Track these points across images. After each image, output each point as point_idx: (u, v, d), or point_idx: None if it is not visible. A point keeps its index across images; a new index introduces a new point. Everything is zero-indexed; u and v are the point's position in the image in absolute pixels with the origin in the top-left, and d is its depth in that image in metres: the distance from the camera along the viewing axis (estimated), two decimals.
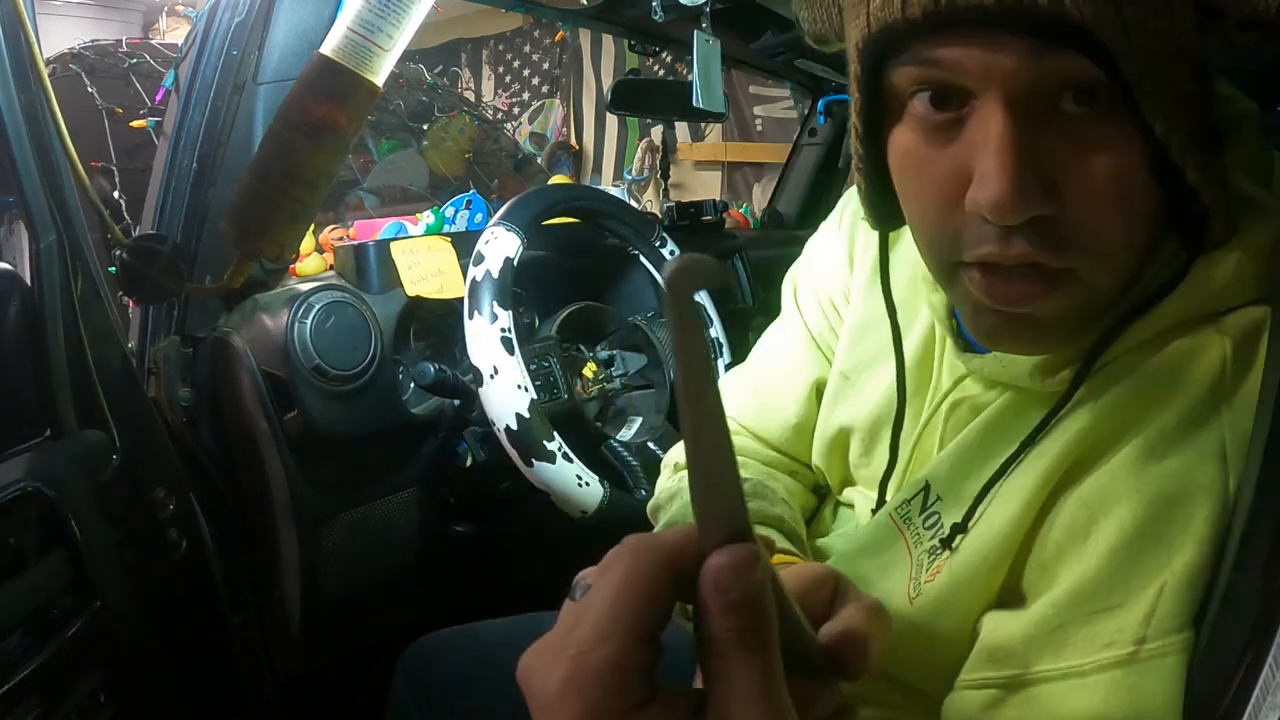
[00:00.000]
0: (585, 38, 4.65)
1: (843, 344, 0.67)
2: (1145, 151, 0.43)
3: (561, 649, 0.28)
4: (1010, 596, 0.50)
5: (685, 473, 0.66)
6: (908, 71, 0.44)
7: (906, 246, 0.63)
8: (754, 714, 0.27)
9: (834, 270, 0.70)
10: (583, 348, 1.33)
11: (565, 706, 0.27)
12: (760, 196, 3.93)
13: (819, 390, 0.71)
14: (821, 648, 0.32)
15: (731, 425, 0.75)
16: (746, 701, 0.27)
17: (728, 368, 1.34)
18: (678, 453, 0.77)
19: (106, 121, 2.31)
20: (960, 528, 0.52)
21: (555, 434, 1.02)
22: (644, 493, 1.13)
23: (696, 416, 0.27)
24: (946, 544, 0.52)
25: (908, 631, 0.53)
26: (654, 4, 1.27)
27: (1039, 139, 0.42)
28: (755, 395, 0.75)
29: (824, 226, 0.74)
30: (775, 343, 0.77)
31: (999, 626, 0.49)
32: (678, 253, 1.35)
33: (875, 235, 0.62)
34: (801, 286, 0.74)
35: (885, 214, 0.54)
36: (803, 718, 0.28)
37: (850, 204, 0.71)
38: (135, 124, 2.28)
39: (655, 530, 0.65)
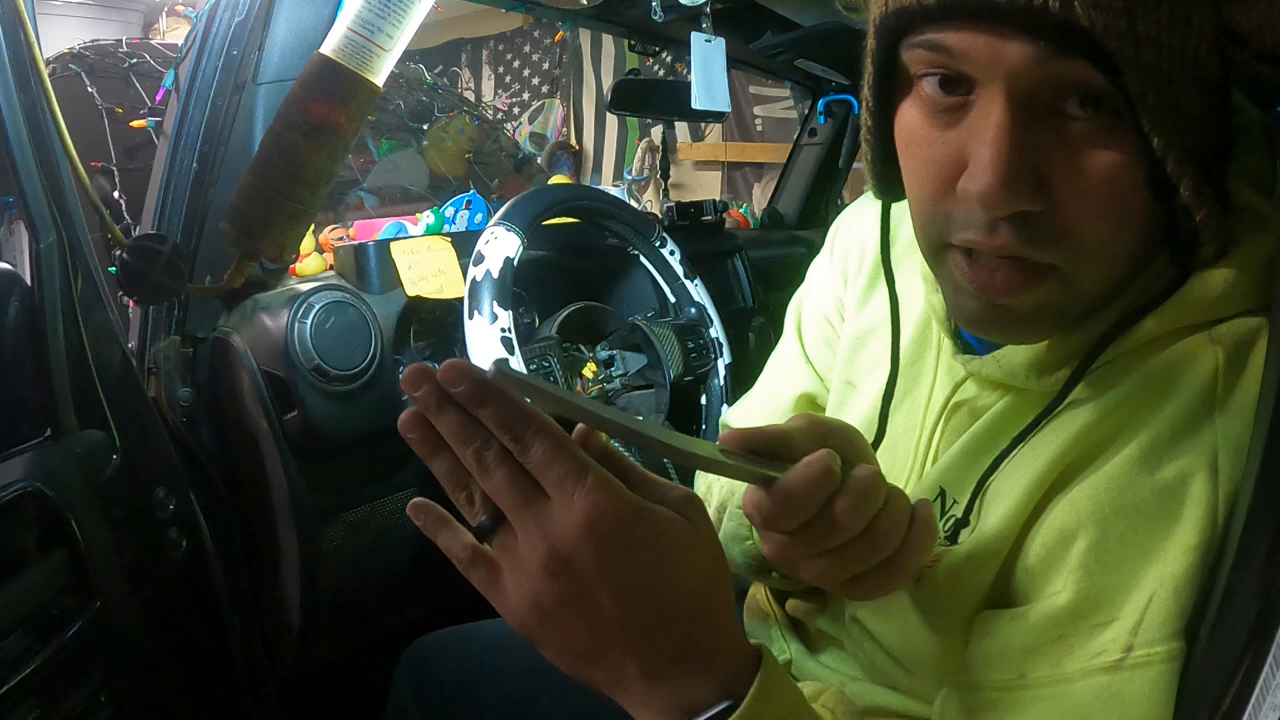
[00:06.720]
0: (585, 38, 4.66)
1: (842, 355, 0.69)
2: (1142, 163, 0.43)
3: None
4: (1000, 596, 0.50)
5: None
6: (918, 54, 0.45)
7: (902, 248, 0.64)
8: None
9: (829, 289, 0.72)
10: (583, 348, 1.32)
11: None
12: (760, 196, 3.93)
13: (810, 402, 0.73)
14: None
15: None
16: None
17: (727, 368, 1.34)
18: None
19: (106, 121, 2.30)
20: (963, 522, 0.52)
21: None
22: None
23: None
24: (952, 539, 0.53)
25: (913, 618, 0.54)
26: (654, 4, 1.27)
27: (1036, 135, 0.42)
28: (753, 417, 0.78)
29: (820, 254, 0.76)
30: (772, 366, 0.80)
31: (996, 631, 0.49)
32: (678, 253, 1.35)
33: (867, 255, 0.66)
34: (805, 308, 0.77)
35: (889, 185, 0.55)
36: None
37: (841, 227, 0.73)
38: (135, 124, 2.28)
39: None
